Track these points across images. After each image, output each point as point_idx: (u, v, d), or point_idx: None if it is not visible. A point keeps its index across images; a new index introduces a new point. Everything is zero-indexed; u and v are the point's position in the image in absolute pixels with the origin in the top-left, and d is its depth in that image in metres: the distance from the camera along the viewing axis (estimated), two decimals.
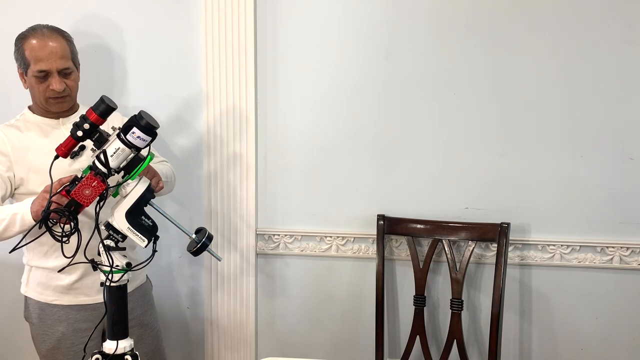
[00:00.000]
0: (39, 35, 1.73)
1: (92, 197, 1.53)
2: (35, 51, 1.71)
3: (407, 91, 2.07)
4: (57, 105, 1.78)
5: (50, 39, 1.73)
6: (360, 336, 2.21)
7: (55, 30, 1.78)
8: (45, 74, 1.72)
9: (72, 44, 1.80)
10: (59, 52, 1.72)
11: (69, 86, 1.76)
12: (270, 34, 2.12)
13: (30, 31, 1.75)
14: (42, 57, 1.71)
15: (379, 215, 2.11)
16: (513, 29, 1.98)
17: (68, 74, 1.75)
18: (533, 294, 2.09)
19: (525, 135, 2.02)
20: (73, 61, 1.78)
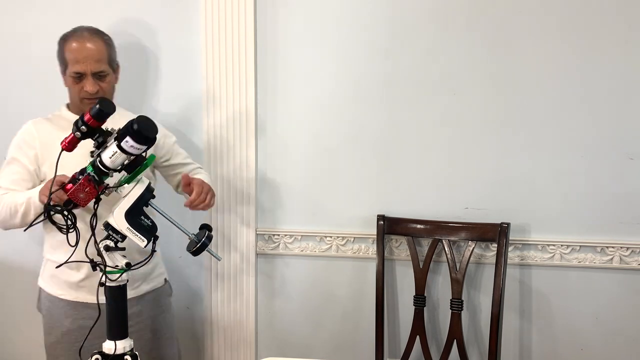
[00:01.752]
0: (78, 38, 1.78)
1: (86, 200, 1.55)
2: (73, 53, 1.76)
3: (408, 91, 2.07)
4: (90, 105, 1.75)
5: (88, 42, 1.77)
6: (360, 336, 2.21)
7: (95, 33, 1.81)
8: (81, 75, 1.77)
9: (110, 47, 1.83)
10: (95, 55, 1.76)
11: (102, 88, 1.79)
12: (271, 34, 2.12)
13: (71, 33, 1.80)
14: (78, 59, 1.75)
15: (379, 216, 2.11)
16: (514, 30, 1.98)
17: (103, 76, 1.79)
18: (533, 294, 2.09)
19: (525, 135, 2.02)
20: (110, 64, 1.81)
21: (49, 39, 1.86)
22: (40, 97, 2.18)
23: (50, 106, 1.91)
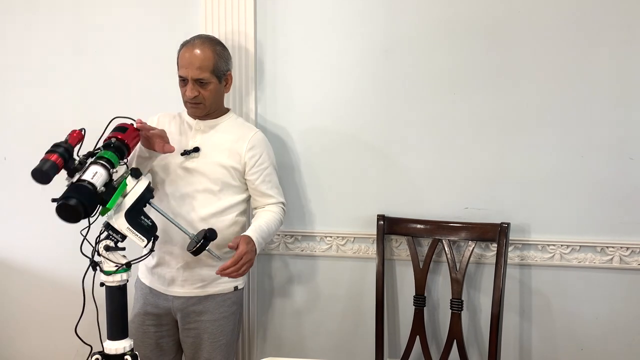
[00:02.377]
0: (190, 44, 1.85)
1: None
2: (181, 58, 1.85)
3: (407, 91, 2.07)
4: (191, 109, 1.89)
5: (197, 48, 1.83)
6: (360, 336, 2.21)
7: (207, 41, 1.86)
8: (184, 79, 1.84)
9: (220, 57, 1.85)
10: (198, 62, 1.81)
11: (202, 95, 1.84)
12: (270, 33, 2.12)
13: (189, 39, 1.87)
14: (183, 64, 1.84)
15: (379, 215, 2.11)
16: (513, 29, 1.98)
17: (203, 83, 1.83)
18: (533, 294, 2.09)
19: (525, 135, 2.02)
20: (214, 73, 1.83)
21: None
22: None
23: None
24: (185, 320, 1.90)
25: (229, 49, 2.10)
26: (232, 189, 1.88)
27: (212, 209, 1.84)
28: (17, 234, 2.40)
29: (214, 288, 1.90)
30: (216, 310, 1.90)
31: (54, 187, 1.60)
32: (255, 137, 1.90)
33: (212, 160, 1.85)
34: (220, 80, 1.87)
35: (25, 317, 2.45)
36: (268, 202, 1.92)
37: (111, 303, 1.63)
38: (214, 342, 1.90)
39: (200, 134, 1.89)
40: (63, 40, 2.27)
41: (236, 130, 1.91)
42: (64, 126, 1.73)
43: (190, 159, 1.85)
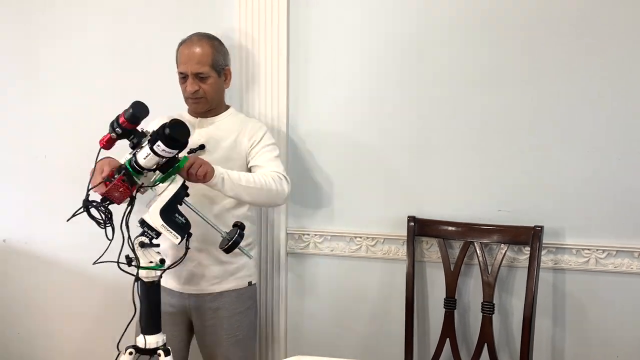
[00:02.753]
0: (188, 41, 1.88)
1: (121, 198, 1.60)
2: (181, 55, 1.88)
3: (439, 90, 2.06)
4: (193, 105, 1.92)
5: (195, 44, 1.86)
6: (389, 338, 2.20)
7: (205, 36, 1.89)
8: (184, 75, 1.87)
9: (218, 51, 1.88)
10: (197, 57, 1.84)
11: (203, 89, 1.86)
12: (303, 31, 2.13)
13: (187, 37, 1.90)
14: (182, 60, 1.87)
15: (410, 217, 2.10)
16: (547, 27, 1.95)
17: (203, 78, 1.85)
18: (567, 299, 2.05)
19: (560, 137, 1.98)
20: (213, 67, 1.86)
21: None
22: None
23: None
24: (202, 318, 1.92)
25: (262, 50, 2.13)
26: None
27: (225, 204, 1.86)
28: (57, 231, 2.47)
29: (229, 284, 1.92)
30: (231, 306, 1.92)
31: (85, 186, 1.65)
32: (255, 126, 1.93)
33: (218, 155, 1.86)
34: (220, 75, 1.89)
35: (64, 313, 2.52)
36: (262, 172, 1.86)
37: (145, 299, 1.67)
38: (231, 337, 1.92)
39: (203, 130, 1.91)
40: (100, 40, 2.33)
41: (238, 125, 1.93)
42: (101, 126, 1.78)
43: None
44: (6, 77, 2.45)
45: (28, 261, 2.52)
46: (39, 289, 2.53)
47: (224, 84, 1.94)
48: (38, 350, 2.57)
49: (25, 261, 2.52)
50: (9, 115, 2.46)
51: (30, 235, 2.50)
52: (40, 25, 2.38)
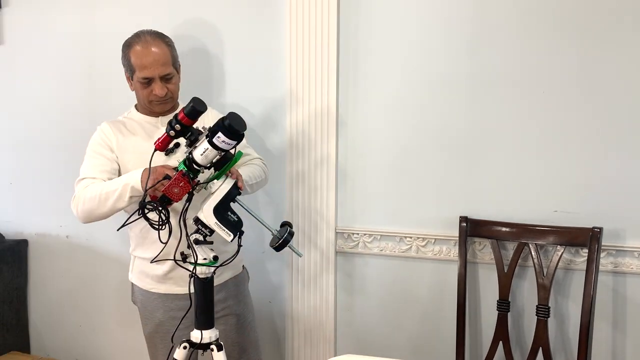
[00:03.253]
0: (142, 43, 1.83)
1: (180, 194, 1.63)
2: (140, 59, 1.82)
3: (492, 89, 2.02)
4: (159, 106, 1.91)
5: (152, 46, 1.83)
6: (440, 339, 2.17)
7: (157, 36, 1.87)
8: (149, 80, 1.83)
9: (173, 49, 1.89)
10: (161, 59, 1.82)
11: (170, 90, 1.87)
12: (353, 32, 2.13)
13: (134, 38, 1.86)
14: (145, 64, 1.81)
15: (462, 217, 2.07)
16: (606, 24, 1.88)
17: (169, 78, 1.85)
18: (628, 304, 1.97)
19: (619, 135, 1.91)
20: (174, 65, 1.87)
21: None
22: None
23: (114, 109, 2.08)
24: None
25: (313, 51, 2.15)
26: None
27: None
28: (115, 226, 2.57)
29: (228, 272, 1.96)
30: (234, 293, 1.98)
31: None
32: (210, 113, 1.91)
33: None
34: (178, 71, 1.90)
35: (122, 307, 2.61)
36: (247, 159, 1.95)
37: (200, 294, 1.71)
38: (244, 321, 1.99)
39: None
40: None
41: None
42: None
43: (175, 156, 1.74)
44: (68, 79, 2.55)
45: (89, 256, 2.63)
46: (99, 283, 2.63)
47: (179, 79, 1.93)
48: (98, 342, 2.68)
49: (87, 256, 2.63)
50: (72, 116, 2.57)
51: (91, 232, 2.60)
52: (100, 25, 2.47)
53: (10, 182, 2.71)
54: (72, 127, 2.57)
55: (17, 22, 2.59)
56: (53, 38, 2.54)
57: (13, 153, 2.69)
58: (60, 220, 2.64)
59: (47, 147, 2.62)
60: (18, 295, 2.68)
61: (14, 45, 2.62)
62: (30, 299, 2.75)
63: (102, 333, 2.66)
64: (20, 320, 2.70)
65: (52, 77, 2.57)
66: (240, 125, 1.61)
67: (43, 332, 2.75)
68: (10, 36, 2.61)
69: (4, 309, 2.61)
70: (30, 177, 2.67)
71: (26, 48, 2.60)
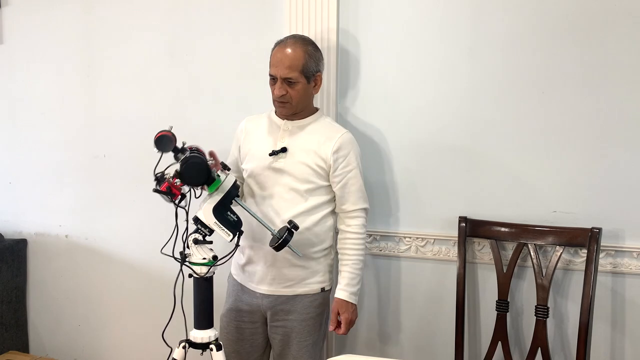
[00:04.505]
0: (282, 43, 1.87)
1: (174, 197, 1.67)
2: (272, 57, 1.87)
3: (492, 89, 2.02)
4: (279, 108, 1.93)
5: (288, 47, 1.85)
6: (439, 339, 2.17)
7: (300, 40, 1.88)
8: (274, 78, 1.87)
9: (310, 58, 1.86)
10: (287, 61, 1.83)
11: (290, 94, 1.86)
12: (353, 33, 2.14)
13: (283, 39, 1.90)
14: (273, 62, 1.86)
15: (461, 217, 2.07)
16: (606, 25, 1.88)
17: (292, 83, 1.84)
18: (627, 305, 1.97)
19: (618, 136, 1.91)
20: (303, 73, 1.84)
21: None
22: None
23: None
24: (274, 318, 1.94)
25: None
26: (320, 189, 1.89)
27: (299, 208, 1.86)
28: (115, 228, 2.57)
29: (302, 288, 1.92)
30: (304, 311, 1.92)
31: (149, 183, 1.71)
32: (342, 138, 1.89)
33: (299, 160, 1.87)
34: (309, 81, 1.87)
35: (122, 306, 2.61)
36: (346, 209, 1.91)
37: (198, 294, 1.72)
38: (301, 341, 1.92)
39: (288, 134, 1.90)
40: (156, 43, 2.41)
41: (324, 131, 1.90)
42: (159, 126, 1.84)
43: (278, 159, 1.87)
44: (67, 79, 2.56)
45: (88, 256, 2.63)
46: (98, 283, 2.63)
47: (313, 89, 1.91)
48: (97, 342, 2.68)
49: (86, 256, 2.63)
50: (70, 116, 2.58)
51: (90, 232, 2.61)
52: (99, 25, 2.48)
53: (9, 182, 2.71)
54: (72, 127, 2.58)
55: (17, 21, 2.60)
56: (53, 38, 2.55)
57: (12, 153, 2.69)
58: (60, 219, 2.64)
59: (46, 147, 2.62)
60: (17, 294, 2.67)
61: (14, 45, 2.62)
62: (29, 299, 2.75)
63: (102, 332, 2.66)
64: (19, 319, 2.70)
65: (51, 76, 2.58)
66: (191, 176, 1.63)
67: (42, 332, 2.75)
68: (10, 36, 2.62)
69: (3, 308, 2.61)
70: (29, 176, 2.67)
71: (26, 48, 2.60)
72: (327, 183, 1.90)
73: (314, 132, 1.90)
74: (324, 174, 1.88)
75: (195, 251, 1.69)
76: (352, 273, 1.89)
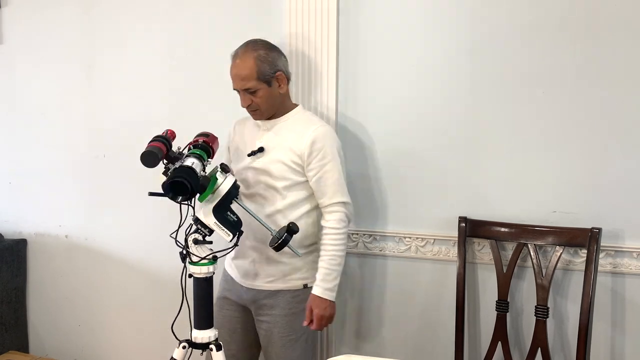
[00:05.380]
0: (234, 56, 1.89)
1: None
2: (230, 72, 1.90)
3: (493, 89, 2.02)
4: (252, 115, 1.96)
5: (238, 59, 1.87)
6: (439, 340, 2.17)
7: (251, 47, 1.87)
8: (238, 90, 1.89)
9: (262, 62, 1.84)
10: (241, 73, 1.85)
11: (255, 102, 1.87)
12: (353, 31, 2.13)
13: (235, 50, 1.90)
14: (231, 77, 1.89)
15: (461, 217, 2.07)
16: (606, 25, 1.88)
17: (253, 92, 1.85)
18: (627, 305, 1.97)
19: (619, 135, 1.91)
20: (259, 79, 1.84)
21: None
22: None
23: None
24: (258, 312, 1.97)
25: (312, 45, 2.13)
26: (298, 185, 1.89)
27: (278, 205, 1.88)
28: (114, 226, 2.57)
29: (284, 284, 1.94)
30: (286, 306, 1.94)
31: (149, 183, 1.71)
32: (316, 132, 1.87)
33: (274, 158, 1.88)
34: (270, 84, 1.86)
35: (122, 306, 2.61)
36: (323, 203, 1.89)
37: (198, 294, 1.72)
38: (284, 337, 1.94)
39: (266, 133, 1.93)
40: (157, 43, 2.41)
41: (299, 127, 1.90)
42: (159, 126, 1.84)
43: (256, 159, 1.90)
44: (67, 79, 2.56)
45: (88, 256, 2.63)
46: (97, 283, 2.63)
47: (279, 89, 1.90)
48: (97, 342, 2.68)
49: (85, 256, 2.63)
50: (70, 116, 2.58)
51: (90, 232, 2.61)
52: (99, 26, 2.48)
53: (9, 182, 2.71)
54: (72, 127, 2.58)
55: (17, 21, 2.60)
56: (53, 38, 2.55)
57: (12, 153, 2.69)
58: (59, 220, 2.64)
59: (46, 147, 2.62)
60: (17, 294, 2.67)
61: (14, 45, 2.62)
62: (29, 299, 2.75)
63: (101, 333, 2.66)
64: (19, 319, 2.70)
65: (51, 77, 2.58)
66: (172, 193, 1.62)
67: (42, 332, 2.75)
68: (10, 36, 2.62)
69: (3, 308, 2.61)
70: (29, 176, 2.67)
71: (26, 48, 2.60)
72: (304, 179, 1.89)
73: (290, 129, 1.91)
74: (300, 170, 1.88)
75: (195, 251, 1.69)
76: (328, 269, 1.87)
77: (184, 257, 1.70)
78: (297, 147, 1.87)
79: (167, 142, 1.70)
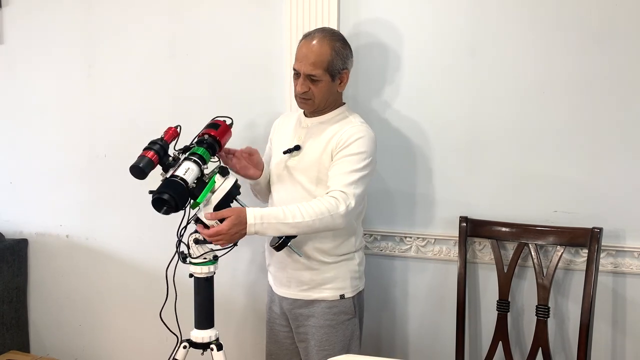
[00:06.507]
0: (309, 37, 1.79)
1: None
2: (298, 51, 1.79)
3: (494, 89, 2.02)
4: (300, 104, 1.86)
5: (314, 41, 1.76)
6: (440, 339, 2.17)
7: (329, 35, 1.79)
8: (297, 73, 1.79)
9: (337, 54, 1.77)
10: (312, 57, 1.74)
11: (312, 91, 1.78)
12: (353, 30, 2.13)
13: (310, 32, 1.83)
14: (298, 57, 1.79)
15: (462, 217, 2.07)
16: (607, 25, 1.88)
17: (315, 80, 1.76)
18: (628, 304, 1.97)
19: (620, 135, 1.91)
20: (327, 71, 1.76)
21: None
22: None
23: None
24: (295, 323, 1.90)
25: None
26: None
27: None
28: (116, 228, 2.57)
29: (318, 294, 1.85)
30: (322, 317, 1.84)
31: (149, 182, 1.71)
32: (352, 129, 1.77)
33: (308, 157, 1.81)
34: (334, 79, 1.79)
35: (123, 306, 2.61)
36: (328, 189, 1.73)
37: (198, 294, 1.72)
38: (321, 349, 1.84)
39: (306, 131, 1.86)
40: (157, 43, 2.41)
41: (338, 127, 1.81)
42: (160, 126, 1.84)
43: (291, 157, 1.84)
44: (67, 79, 2.56)
45: (89, 256, 2.63)
46: (98, 283, 2.63)
47: (338, 87, 1.83)
48: (97, 341, 2.68)
49: (86, 256, 2.63)
50: (70, 115, 2.58)
51: (91, 232, 2.61)
52: (100, 25, 2.48)
53: (10, 182, 2.71)
54: (72, 127, 2.58)
55: (17, 21, 2.59)
56: (53, 38, 2.55)
57: (13, 152, 2.69)
58: (60, 219, 2.64)
59: (46, 147, 2.62)
60: (18, 294, 2.68)
61: (14, 44, 2.62)
62: (30, 299, 2.75)
63: (102, 332, 2.66)
64: (20, 319, 2.70)
65: (51, 76, 2.58)
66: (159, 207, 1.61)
67: (42, 332, 2.75)
68: (11, 36, 2.62)
69: (4, 308, 2.61)
70: (30, 176, 2.67)
71: (26, 48, 2.60)
72: None
73: (328, 129, 1.82)
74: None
75: (196, 251, 1.69)
76: (283, 212, 1.66)
77: (184, 257, 1.70)
78: (332, 146, 1.78)
79: (163, 148, 1.66)
